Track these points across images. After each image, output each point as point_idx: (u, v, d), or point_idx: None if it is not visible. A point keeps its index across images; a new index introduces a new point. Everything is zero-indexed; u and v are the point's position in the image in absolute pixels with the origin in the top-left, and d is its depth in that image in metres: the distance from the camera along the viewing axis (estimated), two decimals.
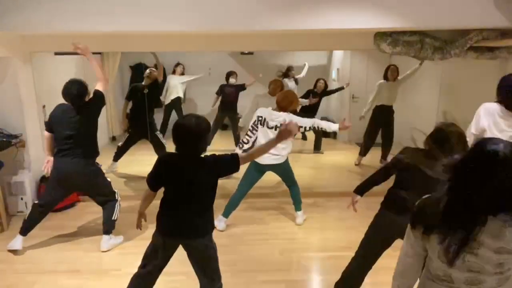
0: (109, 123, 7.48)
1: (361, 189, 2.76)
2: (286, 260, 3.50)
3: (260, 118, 3.90)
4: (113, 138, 7.65)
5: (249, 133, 3.93)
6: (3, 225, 4.01)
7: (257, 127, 3.92)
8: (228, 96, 6.69)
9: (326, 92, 6.84)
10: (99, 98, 3.55)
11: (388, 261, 2.35)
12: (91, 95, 3.55)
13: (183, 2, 3.68)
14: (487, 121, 3.14)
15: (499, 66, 4.66)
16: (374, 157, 6.27)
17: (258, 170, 4.02)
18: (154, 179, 2.40)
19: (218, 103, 6.85)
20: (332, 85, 7.84)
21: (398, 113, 6.32)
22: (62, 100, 3.55)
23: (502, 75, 4.68)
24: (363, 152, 6.22)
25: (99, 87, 3.58)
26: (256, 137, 3.95)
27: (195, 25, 3.75)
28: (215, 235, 3.89)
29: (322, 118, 7.85)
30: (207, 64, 8.03)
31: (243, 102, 6.92)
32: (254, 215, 4.42)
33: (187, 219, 2.35)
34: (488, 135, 3.15)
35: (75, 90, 3.43)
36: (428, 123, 6.42)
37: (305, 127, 3.86)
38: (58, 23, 3.68)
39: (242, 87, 6.76)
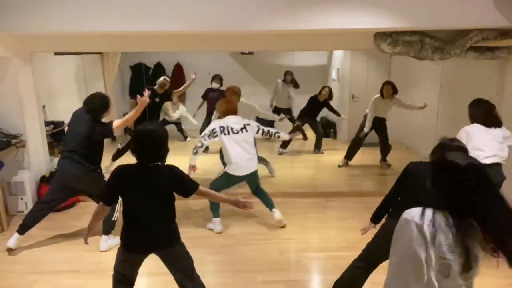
0: None
1: (377, 216, 2.69)
2: (286, 260, 3.50)
3: (221, 128, 3.84)
4: (113, 138, 7.65)
5: (206, 138, 3.85)
6: (3, 225, 4.01)
7: (215, 137, 3.86)
8: (211, 101, 6.51)
9: (327, 104, 6.65)
10: (108, 129, 3.59)
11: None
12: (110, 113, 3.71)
13: (184, 2, 3.68)
14: (475, 142, 3.30)
15: (499, 66, 4.66)
16: (372, 157, 6.28)
17: (237, 181, 4.05)
18: (112, 193, 2.35)
19: (205, 107, 6.69)
20: (332, 85, 7.84)
21: (399, 113, 6.33)
22: (61, 100, 3.56)
23: (502, 75, 4.71)
24: (349, 156, 6.18)
25: (117, 122, 3.63)
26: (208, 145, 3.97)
27: (195, 25, 3.75)
28: (216, 235, 3.91)
29: (322, 118, 7.93)
30: (207, 64, 8.03)
31: None
32: (254, 215, 4.42)
33: (162, 229, 2.31)
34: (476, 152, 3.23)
35: (93, 103, 3.52)
36: (428, 123, 6.46)
37: (262, 130, 4.00)
38: (57, 24, 3.68)
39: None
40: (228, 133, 3.85)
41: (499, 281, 3.14)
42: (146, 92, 3.59)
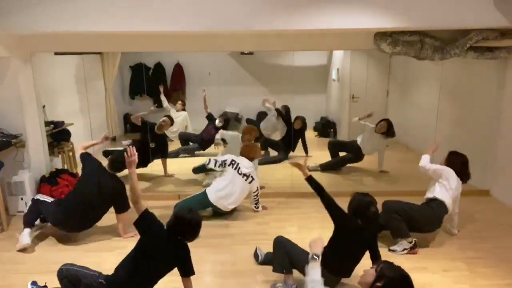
0: (109, 123, 7.49)
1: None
2: None
3: (233, 162, 4.19)
4: (113, 138, 7.66)
5: (214, 165, 4.23)
6: (3, 225, 4.01)
7: (225, 167, 4.21)
8: (207, 133, 6.47)
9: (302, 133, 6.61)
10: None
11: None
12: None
13: (183, 2, 3.68)
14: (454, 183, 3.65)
15: (499, 66, 4.67)
16: (371, 157, 6.27)
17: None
18: (146, 227, 2.55)
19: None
20: (332, 85, 7.85)
21: (399, 112, 6.32)
22: (61, 100, 3.55)
23: (502, 75, 4.70)
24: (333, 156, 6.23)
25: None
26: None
27: (195, 25, 3.75)
28: (215, 235, 3.91)
29: (322, 118, 7.94)
30: (207, 64, 8.04)
31: None
32: (253, 215, 4.42)
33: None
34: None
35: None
36: (428, 123, 6.46)
37: (256, 194, 4.39)
38: (57, 23, 3.69)
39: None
40: (235, 168, 4.16)
41: (496, 281, 3.14)
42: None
